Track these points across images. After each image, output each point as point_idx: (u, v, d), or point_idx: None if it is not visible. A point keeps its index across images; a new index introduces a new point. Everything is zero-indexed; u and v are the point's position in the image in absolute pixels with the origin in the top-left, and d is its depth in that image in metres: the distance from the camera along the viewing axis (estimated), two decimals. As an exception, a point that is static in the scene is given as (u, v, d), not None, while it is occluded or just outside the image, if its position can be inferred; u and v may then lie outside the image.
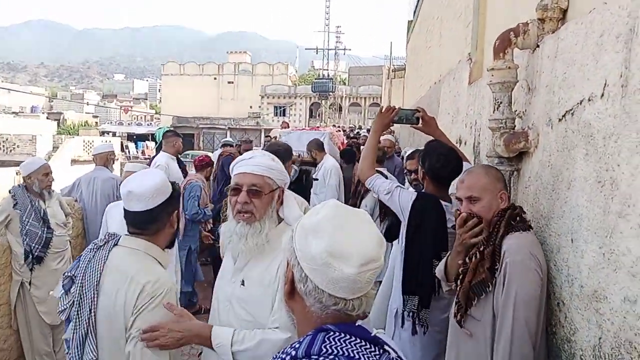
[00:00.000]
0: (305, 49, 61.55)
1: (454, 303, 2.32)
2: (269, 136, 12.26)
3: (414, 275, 2.81)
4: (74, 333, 1.86)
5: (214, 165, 6.37)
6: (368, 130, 16.44)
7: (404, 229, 2.95)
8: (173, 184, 2.08)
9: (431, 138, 3.12)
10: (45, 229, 3.99)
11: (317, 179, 6.07)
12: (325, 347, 1.06)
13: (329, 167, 6.26)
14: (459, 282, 2.23)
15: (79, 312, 1.86)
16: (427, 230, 2.79)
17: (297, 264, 1.13)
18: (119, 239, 1.99)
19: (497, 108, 2.57)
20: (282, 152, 3.75)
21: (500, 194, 2.20)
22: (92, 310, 1.84)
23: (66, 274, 1.96)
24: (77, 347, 1.84)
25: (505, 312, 1.96)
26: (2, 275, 3.94)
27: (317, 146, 6.55)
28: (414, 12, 13.47)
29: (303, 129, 9.72)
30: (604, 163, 1.70)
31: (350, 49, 61.79)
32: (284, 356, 1.09)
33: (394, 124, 3.39)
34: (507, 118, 2.56)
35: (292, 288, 1.16)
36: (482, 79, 3.83)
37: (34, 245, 3.92)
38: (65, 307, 1.90)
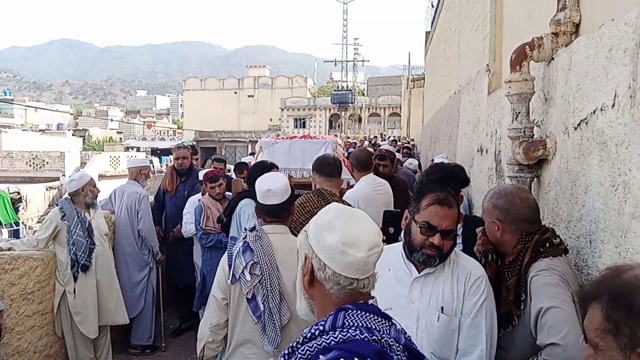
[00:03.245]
0: (324, 61, 62.11)
1: None
2: (253, 152, 9.51)
3: None
4: (266, 303, 2.46)
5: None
6: (392, 140, 16.19)
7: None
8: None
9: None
10: (90, 240, 4.23)
11: None
12: (346, 321, 1.27)
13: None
14: None
15: (271, 286, 2.47)
16: None
17: (315, 256, 1.35)
18: (262, 229, 2.63)
19: (516, 118, 2.70)
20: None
21: (494, 220, 2.19)
22: (280, 282, 2.47)
23: (250, 262, 2.52)
24: (274, 313, 2.44)
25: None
26: (48, 285, 4.18)
27: (357, 161, 4.39)
28: (432, 23, 13.60)
29: (294, 137, 6.60)
30: (617, 168, 1.82)
31: (368, 60, 62.10)
32: (313, 331, 1.30)
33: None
34: (526, 127, 2.68)
35: (312, 277, 1.39)
36: (500, 89, 3.95)
37: (80, 254, 4.15)
38: (250, 287, 2.48)
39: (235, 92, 61.08)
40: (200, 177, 5.13)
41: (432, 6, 13.53)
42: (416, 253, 1.99)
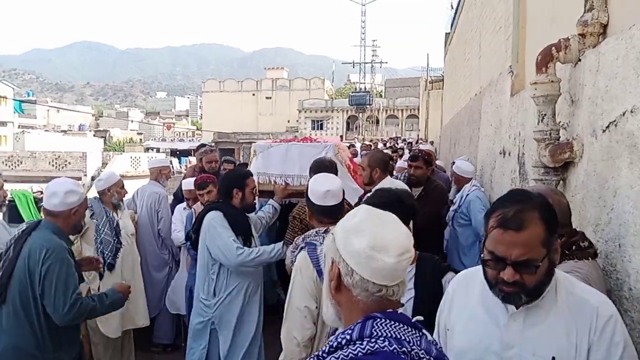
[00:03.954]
0: (342, 63, 62.16)
1: None
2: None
3: None
4: None
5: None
6: (405, 142, 16.14)
7: None
8: None
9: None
10: (117, 239, 4.30)
11: None
12: (374, 330, 1.22)
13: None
14: None
15: None
16: None
17: (342, 261, 1.30)
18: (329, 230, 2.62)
19: (542, 120, 2.67)
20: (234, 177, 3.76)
21: None
22: None
23: None
24: None
25: None
26: (73, 283, 4.24)
27: (380, 163, 4.08)
28: (452, 24, 13.52)
29: (292, 140, 5.85)
30: (648, 171, 1.80)
31: (386, 62, 61.89)
32: (340, 340, 1.25)
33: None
34: (552, 129, 2.65)
35: (339, 282, 1.32)
36: (524, 91, 3.91)
37: (107, 252, 4.21)
38: None
39: (254, 94, 61.52)
40: (188, 187, 4.91)
41: (452, 7, 13.46)
42: (493, 289, 1.53)
